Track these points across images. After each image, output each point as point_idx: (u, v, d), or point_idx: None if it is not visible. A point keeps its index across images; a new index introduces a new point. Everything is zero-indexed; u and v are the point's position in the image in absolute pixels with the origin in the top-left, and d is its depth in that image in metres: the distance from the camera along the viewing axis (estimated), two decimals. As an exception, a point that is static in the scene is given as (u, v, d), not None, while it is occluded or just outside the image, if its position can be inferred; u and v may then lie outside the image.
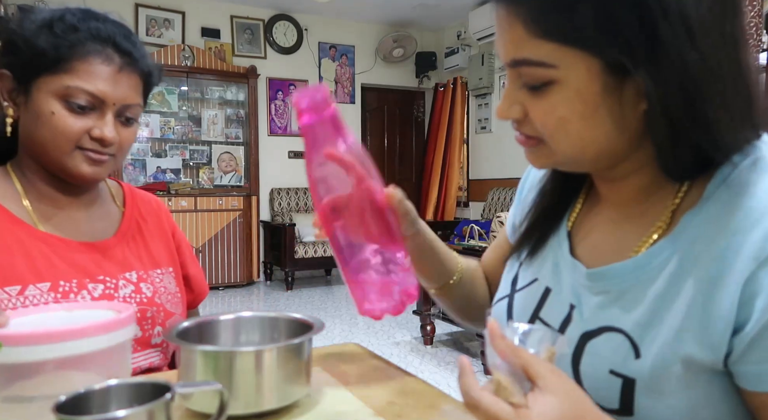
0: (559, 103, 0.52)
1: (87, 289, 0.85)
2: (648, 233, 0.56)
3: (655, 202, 0.57)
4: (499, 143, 5.58)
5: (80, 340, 0.54)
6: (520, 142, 0.60)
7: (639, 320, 0.53)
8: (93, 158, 0.85)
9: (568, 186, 0.69)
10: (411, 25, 6.26)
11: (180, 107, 5.37)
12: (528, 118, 0.56)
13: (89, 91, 0.82)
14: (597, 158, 0.55)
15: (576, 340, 0.57)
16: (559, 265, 0.64)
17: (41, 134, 0.83)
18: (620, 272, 0.56)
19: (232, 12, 5.58)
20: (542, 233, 0.68)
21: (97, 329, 0.56)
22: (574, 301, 0.60)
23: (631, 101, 0.51)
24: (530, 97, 0.54)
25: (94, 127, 0.83)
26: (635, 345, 0.52)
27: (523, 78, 0.54)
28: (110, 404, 0.47)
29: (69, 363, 0.54)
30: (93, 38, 0.83)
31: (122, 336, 0.58)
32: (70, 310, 0.64)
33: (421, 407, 0.65)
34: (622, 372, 0.52)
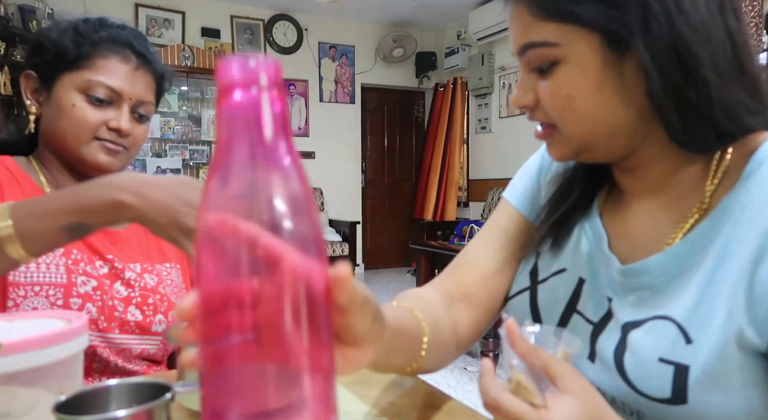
0: (564, 81, 0.55)
1: (94, 265, 0.89)
2: (682, 220, 0.56)
3: (683, 188, 0.58)
4: (499, 143, 5.58)
5: (26, 354, 0.49)
6: (538, 137, 0.62)
7: (686, 305, 0.52)
8: (109, 148, 0.91)
9: (591, 177, 0.68)
10: (411, 25, 6.26)
11: (180, 107, 5.37)
12: (540, 104, 0.58)
13: (109, 85, 0.89)
14: (609, 138, 0.56)
15: (617, 332, 0.56)
16: (595, 257, 0.63)
17: (62, 125, 0.89)
18: (658, 265, 0.56)
19: (232, 12, 5.58)
20: (568, 224, 0.67)
21: (45, 341, 0.51)
22: (612, 295, 0.60)
23: (632, 76, 0.54)
24: (540, 82, 0.57)
25: (112, 119, 0.90)
26: (684, 331, 0.51)
27: (532, 63, 0.57)
28: (110, 404, 0.47)
29: (12, 378, 0.49)
30: (113, 40, 0.91)
31: (73, 348, 0.54)
32: (12, 320, 0.59)
33: (421, 407, 0.65)
34: (673, 359, 0.51)
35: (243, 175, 0.33)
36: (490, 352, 2.95)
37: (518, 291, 0.69)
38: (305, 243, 0.33)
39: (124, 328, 0.88)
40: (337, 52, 6.13)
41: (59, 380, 0.53)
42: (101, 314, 0.86)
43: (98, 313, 0.86)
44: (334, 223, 5.85)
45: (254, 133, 0.33)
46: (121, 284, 0.90)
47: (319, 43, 6.01)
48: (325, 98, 6.08)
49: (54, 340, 0.52)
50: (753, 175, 0.52)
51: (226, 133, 0.33)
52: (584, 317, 0.61)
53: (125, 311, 0.89)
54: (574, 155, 0.60)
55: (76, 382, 0.56)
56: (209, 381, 0.33)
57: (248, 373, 0.32)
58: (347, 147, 6.24)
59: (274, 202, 0.32)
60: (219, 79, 0.33)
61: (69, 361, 0.54)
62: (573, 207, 0.68)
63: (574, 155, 0.60)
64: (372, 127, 6.57)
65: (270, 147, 0.33)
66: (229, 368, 0.32)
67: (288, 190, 0.33)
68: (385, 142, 6.69)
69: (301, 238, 0.33)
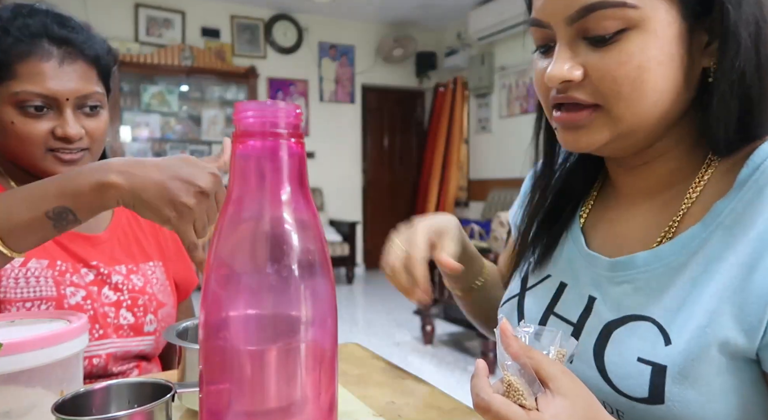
0: (637, 49, 0.50)
1: (80, 274, 0.86)
2: (671, 222, 0.56)
3: (678, 190, 0.57)
4: (499, 143, 5.58)
5: (26, 354, 0.50)
6: (562, 120, 0.56)
7: (668, 307, 0.52)
8: (64, 158, 0.84)
9: (577, 187, 0.68)
10: (411, 25, 6.26)
11: (180, 107, 5.37)
12: (587, 80, 0.52)
13: (37, 92, 0.80)
14: (657, 122, 0.53)
15: (599, 331, 0.56)
16: (575, 260, 0.64)
17: (10, 144, 0.82)
18: (646, 261, 0.55)
19: (232, 12, 5.58)
20: (553, 233, 0.68)
21: (45, 341, 0.51)
22: (595, 294, 0.59)
23: (697, 56, 0.52)
24: (595, 53, 0.51)
25: (57, 126, 0.82)
26: (664, 332, 0.51)
27: (589, 31, 0.51)
28: (110, 404, 0.47)
29: (13, 378, 0.49)
30: (25, 37, 0.80)
31: (73, 348, 0.54)
32: (12, 321, 0.59)
33: (421, 407, 0.65)
34: (651, 359, 0.51)
35: (254, 225, 0.32)
36: (490, 352, 2.95)
37: (509, 297, 0.70)
38: (316, 293, 0.32)
39: (119, 332, 0.88)
40: (337, 51, 6.12)
41: (59, 380, 0.53)
42: (95, 323, 0.85)
43: (92, 323, 0.85)
44: (334, 223, 5.85)
45: (268, 182, 0.32)
46: (110, 289, 0.89)
47: (319, 42, 6.01)
48: (325, 98, 6.08)
49: (54, 340, 0.52)
50: (748, 181, 0.51)
51: (240, 180, 0.32)
52: (562, 318, 0.61)
53: (117, 315, 0.88)
54: (609, 142, 0.55)
55: (76, 382, 0.56)
56: (208, 381, 0.33)
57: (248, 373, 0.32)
58: (347, 147, 6.24)
59: (285, 254, 0.32)
60: (236, 125, 0.32)
61: (69, 361, 0.54)
62: (554, 219, 0.68)
63: (609, 142, 0.55)
64: (372, 127, 6.57)
65: (284, 197, 0.32)
66: (230, 369, 0.32)
67: (301, 247, 0.32)
68: (385, 142, 6.69)
69: (312, 288, 0.32)
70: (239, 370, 0.32)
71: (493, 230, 3.43)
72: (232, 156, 0.33)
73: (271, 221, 0.32)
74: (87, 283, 0.87)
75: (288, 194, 0.32)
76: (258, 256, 0.32)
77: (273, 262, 0.32)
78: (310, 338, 0.32)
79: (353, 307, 4.75)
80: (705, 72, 0.53)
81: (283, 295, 0.32)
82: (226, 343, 0.32)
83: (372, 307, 4.70)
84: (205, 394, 0.33)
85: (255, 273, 0.32)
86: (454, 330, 3.72)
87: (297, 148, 0.33)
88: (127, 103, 5.13)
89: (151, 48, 5.17)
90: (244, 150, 0.32)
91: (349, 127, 6.24)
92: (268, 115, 0.32)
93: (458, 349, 3.45)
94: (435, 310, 3.43)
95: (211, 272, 0.32)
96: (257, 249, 0.32)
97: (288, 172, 0.32)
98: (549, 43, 0.56)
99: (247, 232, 0.32)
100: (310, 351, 0.33)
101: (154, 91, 5.22)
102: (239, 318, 0.32)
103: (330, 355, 0.34)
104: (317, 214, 0.34)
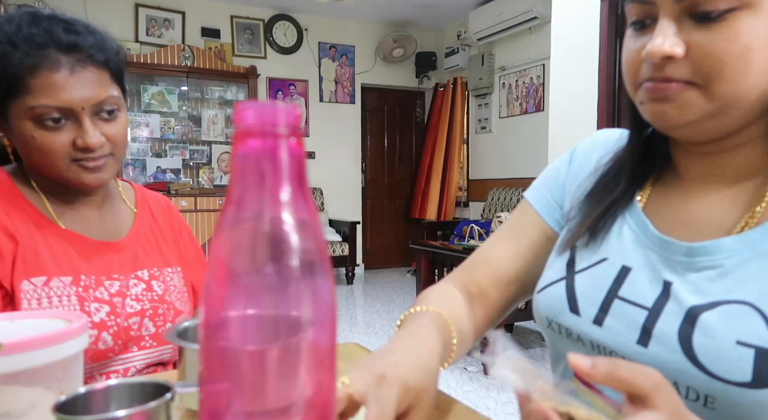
0: (745, 29, 0.49)
1: (104, 286, 0.87)
2: (755, 210, 0.55)
3: (759, 180, 0.56)
4: (499, 143, 5.58)
5: (26, 354, 0.49)
6: (655, 90, 0.54)
7: (764, 291, 0.51)
8: (89, 167, 0.84)
9: (637, 169, 0.66)
10: (411, 25, 6.26)
11: (180, 107, 5.37)
12: (688, 58, 0.52)
13: (52, 105, 0.79)
14: (752, 104, 0.52)
15: (682, 315, 0.54)
16: (642, 243, 0.62)
17: (33, 157, 0.83)
18: (731, 247, 0.54)
19: (232, 12, 5.58)
20: (609, 216, 0.66)
21: (45, 341, 0.51)
22: (671, 278, 0.58)
23: None
24: (699, 31, 0.51)
25: (76, 136, 0.81)
26: (764, 315, 0.50)
27: (697, 7, 0.50)
28: (110, 404, 0.47)
29: (13, 378, 0.49)
30: (33, 49, 0.78)
31: (73, 348, 0.54)
32: (12, 320, 0.59)
33: (421, 407, 0.65)
34: (753, 342, 0.49)
35: (254, 225, 0.32)
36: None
37: (553, 281, 0.67)
38: (317, 297, 0.32)
39: (141, 343, 0.88)
40: (337, 52, 6.13)
41: (59, 380, 0.53)
42: (117, 339, 0.85)
43: (113, 340, 0.84)
44: (334, 223, 5.85)
45: (268, 182, 0.32)
46: (132, 299, 0.89)
47: (319, 43, 6.01)
48: (325, 98, 6.08)
49: (54, 340, 0.52)
50: None
51: (240, 180, 0.32)
52: (630, 302, 0.59)
53: (140, 327, 0.88)
54: (696, 120, 0.54)
55: (76, 382, 0.56)
56: (208, 380, 0.33)
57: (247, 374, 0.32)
58: (347, 147, 6.24)
59: (284, 258, 0.31)
60: (236, 125, 0.32)
61: (69, 361, 0.53)
62: (615, 200, 0.65)
63: (697, 121, 0.54)
64: (372, 127, 6.57)
65: (284, 198, 0.32)
66: (229, 370, 0.32)
67: (300, 248, 0.32)
68: (385, 142, 6.69)
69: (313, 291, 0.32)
70: (239, 370, 0.32)
71: (492, 230, 3.43)
72: (232, 156, 0.33)
73: (271, 221, 0.32)
74: (112, 294, 0.87)
75: (288, 194, 0.32)
76: (258, 256, 0.32)
77: (273, 261, 0.32)
78: (309, 338, 0.33)
79: (353, 307, 4.75)
80: None
81: (282, 295, 0.32)
82: (226, 343, 0.32)
83: (372, 307, 4.70)
84: (204, 394, 0.33)
85: (254, 273, 0.32)
86: (454, 330, 3.72)
87: (297, 148, 0.33)
88: (127, 103, 5.09)
89: (151, 48, 5.17)
90: (243, 150, 0.32)
91: (349, 128, 6.24)
92: (268, 115, 0.32)
93: (458, 349, 3.45)
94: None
95: (211, 272, 0.32)
96: (257, 249, 0.32)
97: (288, 172, 0.32)
98: (646, 20, 0.55)
99: (246, 232, 0.32)
100: (310, 351, 0.33)
101: (154, 91, 5.22)
102: (239, 318, 0.32)
103: (329, 355, 0.34)
104: (317, 214, 0.34)
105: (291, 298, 0.32)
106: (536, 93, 5.07)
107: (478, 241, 3.85)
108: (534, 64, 5.06)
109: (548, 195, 0.76)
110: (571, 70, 3.26)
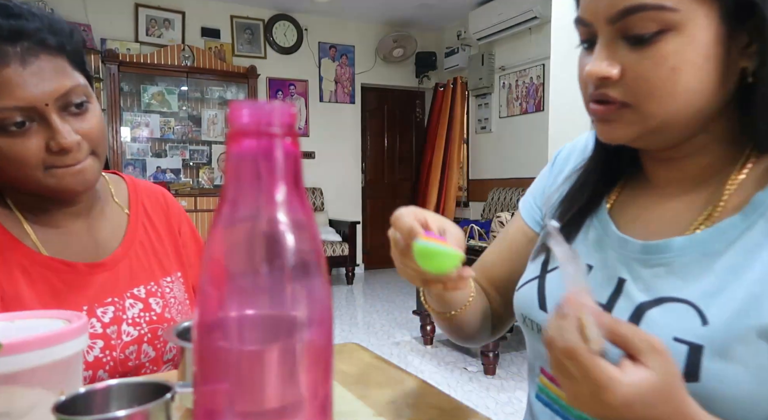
0: (672, 51, 0.51)
1: (96, 316, 0.79)
2: (707, 210, 0.57)
3: (715, 182, 0.58)
4: (499, 143, 5.58)
5: (26, 354, 0.49)
6: (596, 112, 0.57)
7: (705, 290, 0.53)
8: (72, 171, 0.74)
9: (605, 175, 0.69)
10: (411, 25, 6.26)
11: (180, 107, 5.37)
12: (621, 79, 0.54)
13: (10, 107, 0.68)
14: (689, 120, 0.54)
15: (630, 311, 0.57)
16: (602, 243, 0.65)
17: (6, 170, 0.72)
18: (682, 245, 0.57)
19: (232, 12, 5.58)
20: (579, 219, 0.69)
21: (45, 341, 0.50)
22: (625, 275, 0.60)
23: (736, 56, 0.53)
24: (633, 53, 0.53)
25: (48, 139, 0.71)
26: (701, 313, 0.52)
27: (629, 31, 0.53)
28: (110, 404, 0.47)
29: (13, 378, 0.49)
30: None
31: (73, 348, 0.53)
32: (12, 320, 0.58)
33: (421, 407, 0.65)
34: (687, 339, 0.52)
35: (249, 224, 0.32)
36: (490, 352, 2.95)
37: (527, 280, 0.70)
38: (311, 295, 0.32)
39: (141, 371, 0.82)
40: (337, 52, 6.12)
41: (59, 380, 0.52)
42: (114, 374, 0.78)
43: (110, 376, 0.78)
44: (334, 223, 5.85)
45: (263, 182, 0.31)
46: (129, 324, 0.81)
47: (319, 43, 6.01)
48: (325, 98, 6.08)
49: (54, 340, 0.52)
50: None
51: (235, 180, 0.32)
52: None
53: (138, 355, 0.81)
54: (638, 137, 0.57)
55: (76, 382, 0.56)
56: (204, 380, 0.33)
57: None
58: (347, 147, 6.24)
59: (280, 257, 0.31)
60: (231, 125, 0.32)
61: (69, 361, 0.53)
62: (584, 205, 0.69)
63: (639, 137, 0.57)
64: (372, 127, 6.57)
65: (279, 198, 0.32)
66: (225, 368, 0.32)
67: (296, 248, 0.31)
68: (385, 142, 6.69)
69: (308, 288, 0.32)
70: (233, 370, 0.32)
71: (492, 230, 3.43)
72: (227, 156, 0.32)
73: (266, 221, 0.32)
74: (106, 323, 0.79)
75: (283, 194, 0.32)
76: (253, 256, 0.32)
77: (268, 262, 0.32)
78: (305, 338, 0.32)
79: (353, 307, 4.75)
80: (744, 71, 0.54)
81: (277, 295, 0.32)
82: (220, 344, 0.32)
83: (372, 307, 4.70)
84: (199, 394, 0.33)
85: (249, 273, 0.32)
86: (454, 330, 3.72)
87: (292, 147, 0.33)
88: (127, 103, 5.13)
89: (151, 48, 5.17)
90: (238, 149, 0.32)
91: (348, 128, 6.24)
92: (263, 114, 0.32)
93: (458, 348, 3.45)
94: (435, 310, 3.43)
95: (205, 272, 0.32)
96: (252, 249, 0.32)
97: (283, 171, 0.32)
98: (592, 40, 0.58)
99: (241, 232, 0.32)
100: (305, 351, 0.33)
101: (154, 91, 5.22)
102: (233, 318, 0.32)
103: (325, 355, 0.34)
104: (312, 214, 0.34)
105: (286, 298, 0.32)
106: (536, 93, 5.07)
107: (478, 241, 3.84)
108: (534, 64, 5.06)
109: (531, 199, 0.81)
110: (571, 70, 3.24)
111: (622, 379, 0.42)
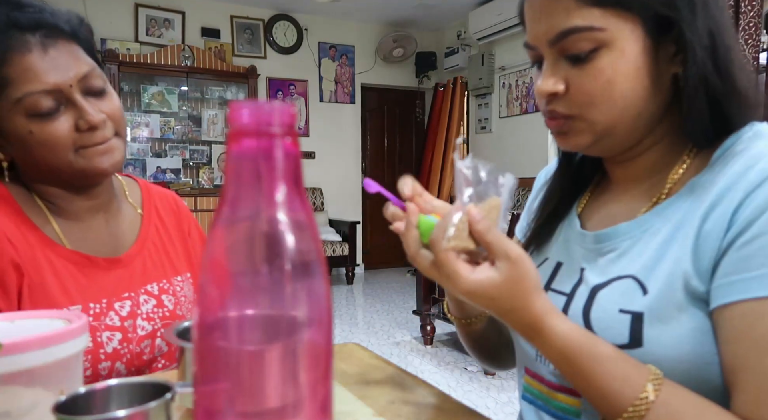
0: (606, 65, 0.57)
1: (114, 310, 0.83)
2: (655, 199, 0.62)
3: (663, 175, 0.64)
4: (499, 143, 5.58)
5: (26, 354, 0.49)
6: (551, 126, 0.64)
7: (646, 264, 0.59)
8: (99, 150, 0.79)
9: (575, 187, 0.75)
10: (411, 25, 6.26)
11: (180, 107, 5.37)
12: (567, 94, 0.60)
13: (39, 90, 0.73)
14: (633, 123, 0.60)
15: (587, 294, 0.62)
16: (570, 240, 0.71)
17: (38, 156, 0.77)
18: (626, 229, 0.63)
19: (232, 12, 5.58)
20: (551, 226, 0.75)
21: (45, 341, 0.50)
22: (585, 265, 0.66)
23: (665, 63, 0.59)
24: (574, 70, 0.59)
25: (77, 119, 0.76)
26: (642, 285, 0.58)
27: (567, 51, 0.59)
28: (110, 404, 0.47)
29: (13, 378, 0.49)
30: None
31: (73, 348, 0.53)
32: (12, 320, 0.58)
33: (421, 407, 0.65)
34: (630, 309, 0.57)
35: (249, 224, 0.32)
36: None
37: None
38: (311, 295, 0.32)
39: (153, 365, 0.85)
40: (337, 52, 6.12)
41: (59, 380, 0.53)
42: (131, 367, 0.82)
43: (127, 369, 0.81)
44: (334, 223, 5.85)
45: (263, 182, 0.31)
46: (143, 319, 0.85)
47: (319, 43, 6.01)
48: (325, 98, 6.08)
49: (54, 340, 0.52)
50: (719, 161, 0.58)
51: (235, 180, 0.32)
52: (558, 292, 0.67)
53: (152, 350, 0.85)
54: (593, 143, 0.62)
55: (76, 382, 0.56)
56: (204, 380, 0.33)
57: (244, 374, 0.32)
58: (347, 147, 6.24)
59: (278, 259, 0.31)
60: (231, 125, 0.32)
61: (69, 361, 0.53)
62: (553, 210, 0.75)
63: (593, 143, 0.62)
64: (372, 127, 6.57)
65: (279, 198, 0.32)
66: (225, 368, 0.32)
67: (296, 248, 0.31)
68: (385, 142, 6.69)
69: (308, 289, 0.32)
70: (233, 370, 0.32)
71: (493, 230, 3.43)
72: (227, 156, 0.32)
73: (266, 221, 0.32)
74: (123, 317, 0.83)
75: (283, 194, 0.32)
76: (253, 256, 0.32)
77: (268, 262, 0.32)
78: (304, 338, 0.33)
79: (353, 307, 4.75)
80: (677, 76, 0.60)
81: (277, 295, 0.32)
82: (220, 344, 0.32)
83: (372, 307, 4.70)
84: (199, 394, 0.33)
85: (249, 273, 0.32)
86: (453, 330, 3.71)
87: (292, 147, 0.32)
88: (127, 103, 5.13)
89: (151, 48, 5.17)
90: (238, 149, 0.32)
91: (348, 128, 6.24)
92: (263, 114, 0.32)
93: (458, 348, 3.45)
94: (435, 310, 3.43)
95: (205, 272, 0.32)
96: (252, 249, 0.32)
97: (283, 171, 0.32)
98: (540, 61, 0.64)
99: (241, 232, 0.32)
100: (305, 351, 0.33)
101: (154, 91, 5.22)
102: (233, 318, 0.32)
103: (325, 355, 0.34)
104: (312, 213, 0.34)
105: (286, 298, 0.32)
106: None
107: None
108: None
109: (525, 223, 0.85)
110: (571, 70, 3.25)
111: (467, 275, 0.50)
